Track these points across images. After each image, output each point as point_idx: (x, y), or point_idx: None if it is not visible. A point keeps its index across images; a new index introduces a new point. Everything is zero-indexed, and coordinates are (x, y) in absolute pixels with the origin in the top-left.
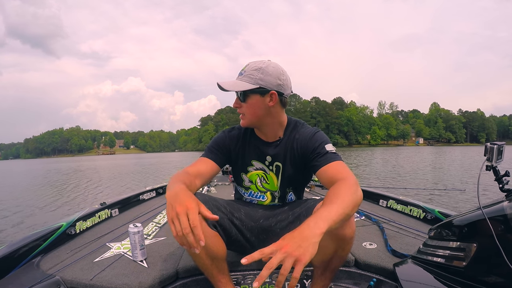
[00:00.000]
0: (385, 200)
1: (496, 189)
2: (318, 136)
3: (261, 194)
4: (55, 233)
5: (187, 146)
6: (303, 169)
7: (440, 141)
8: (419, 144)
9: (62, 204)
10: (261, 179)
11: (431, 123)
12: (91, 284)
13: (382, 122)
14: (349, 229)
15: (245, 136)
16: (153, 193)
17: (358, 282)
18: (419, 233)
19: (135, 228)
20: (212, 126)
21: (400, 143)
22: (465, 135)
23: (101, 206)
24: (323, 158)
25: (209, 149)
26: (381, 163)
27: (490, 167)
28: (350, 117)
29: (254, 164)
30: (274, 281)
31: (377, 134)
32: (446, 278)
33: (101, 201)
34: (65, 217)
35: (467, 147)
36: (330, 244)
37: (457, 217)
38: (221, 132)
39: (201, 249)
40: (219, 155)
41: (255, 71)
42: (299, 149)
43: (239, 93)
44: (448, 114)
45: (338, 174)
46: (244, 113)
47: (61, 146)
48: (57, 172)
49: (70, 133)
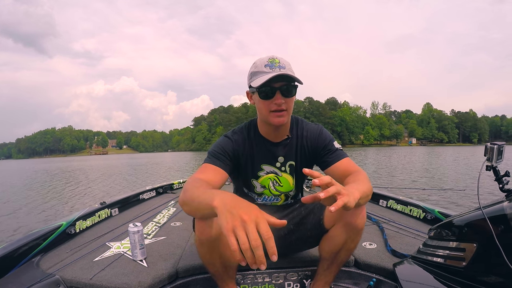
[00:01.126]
0: (385, 200)
1: (492, 188)
2: (325, 133)
3: (275, 197)
4: (55, 232)
5: (180, 146)
6: (311, 165)
7: (433, 141)
8: (412, 144)
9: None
10: (274, 182)
11: (424, 124)
12: (90, 284)
13: (375, 122)
14: (362, 219)
15: (250, 139)
16: (153, 192)
17: (358, 282)
18: (419, 233)
19: (135, 227)
20: (205, 126)
21: (393, 143)
22: (457, 135)
23: (101, 206)
24: (334, 155)
25: (215, 156)
26: (375, 163)
27: (490, 167)
28: (343, 117)
29: (264, 168)
30: (274, 281)
31: (370, 134)
32: (446, 278)
33: (93, 202)
34: (65, 217)
35: (459, 147)
36: (342, 234)
37: (457, 217)
38: (224, 137)
39: (240, 258)
40: (227, 163)
41: (290, 65)
42: (309, 146)
43: (287, 88)
44: (440, 114)
45: (350, 168)
46: (288, 109)
47: (53, 146)
48: (45, 172)
49: (62, 133)
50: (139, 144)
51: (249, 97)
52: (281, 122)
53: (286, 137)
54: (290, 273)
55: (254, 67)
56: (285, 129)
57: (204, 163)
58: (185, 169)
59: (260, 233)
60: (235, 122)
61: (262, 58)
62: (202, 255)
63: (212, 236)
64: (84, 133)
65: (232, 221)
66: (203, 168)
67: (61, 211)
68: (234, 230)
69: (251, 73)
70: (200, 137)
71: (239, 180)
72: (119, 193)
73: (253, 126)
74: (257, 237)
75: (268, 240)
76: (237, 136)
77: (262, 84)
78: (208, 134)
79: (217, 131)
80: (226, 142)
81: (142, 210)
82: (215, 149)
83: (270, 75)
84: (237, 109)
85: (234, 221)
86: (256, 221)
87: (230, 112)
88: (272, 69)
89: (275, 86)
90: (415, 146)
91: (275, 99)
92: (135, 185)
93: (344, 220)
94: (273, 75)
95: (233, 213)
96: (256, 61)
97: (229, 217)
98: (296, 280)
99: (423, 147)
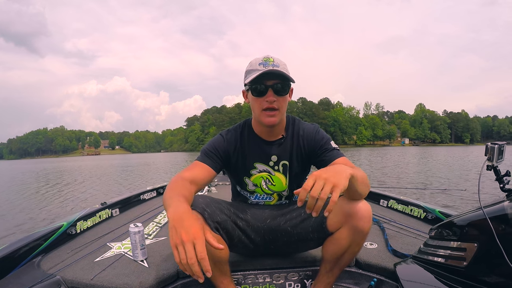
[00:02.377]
0: (386, 200)
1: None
2: (322, 132)
3: (268, 196)
4: (55, 232)
5: (173, 146)
6: (307, 165)
7: (426, 142)
8: (405, 144)
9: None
10: (266, 181)
11: (417, 124)
12: (91, 284)
13: (368, 122)
14: (368, 223)
15: (243, 138)
16: (154, 193)
17: (359, 282)
18: (419, 233)
19: (136, 228)
20: (198, 126)
21: (386, 144)
22: (450, 136)
23: (102, 206)
24: (331, 154)
25: (205, 153)
26: (369, 163)
27: (491, 167)
28: (336, 117)
29: (257, 167)
30: (275, 281)
31: (363, 134)
32: (446, 278)
33: (96, 202)
34: (65, 217)
35: (452, 147)
36: (347, 237)
37: (457, 217)
38: (218, 135)
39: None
40: (216, 160)
41: (285, 65)
42: (306, 146)
43: (279, 85)
44: (433, 115)
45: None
46: (280, 108)
47: (45, 146)
48: (31, 174)
49: (54, 133)
50: (132, 144)
51: (245, 96)
52: (272, 122)
53: (280, 136)
54: (291, 273)
55: (250, 65)
56: (280, 129)
57: (195, 160)
58: (173, 172)
59: (196, 252)
60: (228, 123)
61: (258, 57)
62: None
63: None
64: (76, 133)
65: (175, 238)
66: (193, 165)
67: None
68: (176, 246)
69: (246, 71)
70: (193, 138)
71: (233, 178)
72: (118, 194)
73: (248, 125)
74: (192, 255)
75: (202, 260)
76: (230, 134)
77: (254, 81)
78: (201, 134)
79: (210, 131)
80: (219, 140)
81: (142, 211)
82: (208, 147)
83: (262, 72)
84: (230, 110)
85: (176, 238)
86: (193, 241)
87: (223, 112)
88: (265, 67)
89: (268, 84)
90: (408, 146)
91: (267, 97)
92: (115, 192)
93: (350, 223)
94: (264, 71)
95: (177, 230)
96: (252, 60)
97: (173, 234)
98: (297, 280)
99: (416, 147)
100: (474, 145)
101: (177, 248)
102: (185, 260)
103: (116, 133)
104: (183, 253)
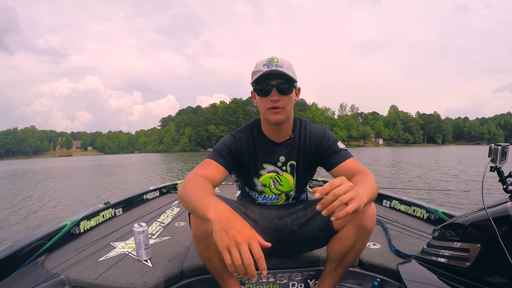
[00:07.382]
0: (389, 201)
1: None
2: (329, 133)
3: (276, 196)
4: (59, 232)
5: (147, 147)
6: (314, 166)
7: (399, 142)
8: (379, 144)
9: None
10: (274, 181)
11: (390, 125)
12: (95, 283)
13: (343, 123)
14: (372, 220)
15: (254, 138)
16: (157, 192)
17: (362, 282)
18: (422, 234)
19: (140, 227)
20: (173, 126)
21: (360, 144)
22: (422, 136)
23: (105, 206)
24: (339, 155)
25: (218, 153)
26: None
27: (494, 168)
28: (312, 118)
29: (266, 167)
30: (278, 281)
31: (339, 135)
32: (450, 279)
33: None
34: (69, 217)
35: (425, 148)
36: (352, 235)
37: (461, 218)
38: (230, 135)
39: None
40: (230, 161)
41: (290, 65)
42: (313, 147)
43: (283, 85)
44: (406, 116)
45: (355, 168)
46: (284, 107)
47: (15, 147)
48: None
49: (25, 134)
50: (105, 145)
51: (253, 97)
52: (278, 119)
53: (288, 137)
54: (295, 273)
55: (255, 66)
56: (287, 130)
57: (207, 158)
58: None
59: (253, 252)
60: (203, 123)
61: (263, 58)
62: (199, 251)
63: (207, 231)
64: (48, 133)
65: (227, 240)
66: (205, 163)
67: None
68: (228, 249)
69: (252, 73)
70: (168, 138)
71: (242, 178)
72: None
73: (257, 125)
74: (250, 256)
75: (259, 259)
76: (241, 134)
77: (258, 81)
78: (176, 135)
79: (186, 132)
80: (231, 140)
81: (146, 210)
82: (220, 146)
83: (264, 72)
84: (206, 110)
85: (228, 240)
86: (248, 241)
87: (198, 112)
88: (268, 68)
89: (272, 84)
90: (382, 147)
91: (271, 96)
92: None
93: (355, 221)
94: (266, 71)
95: (228, 233)
96: (258, 61)
97: (224, 236)
98: (301, 280)
99: (389, 147)
100: (446, 145)
101: (228, 250)
102: (240, 261)
103: (88, 133)
104: (237, 255)
